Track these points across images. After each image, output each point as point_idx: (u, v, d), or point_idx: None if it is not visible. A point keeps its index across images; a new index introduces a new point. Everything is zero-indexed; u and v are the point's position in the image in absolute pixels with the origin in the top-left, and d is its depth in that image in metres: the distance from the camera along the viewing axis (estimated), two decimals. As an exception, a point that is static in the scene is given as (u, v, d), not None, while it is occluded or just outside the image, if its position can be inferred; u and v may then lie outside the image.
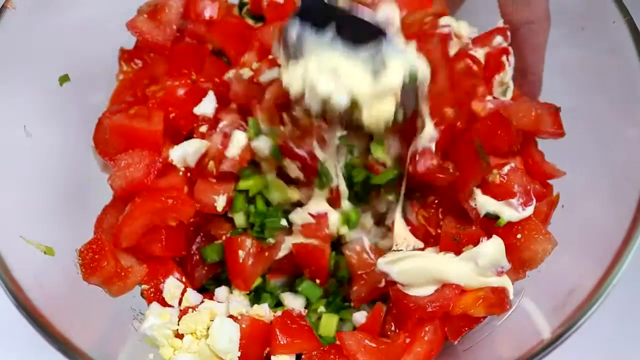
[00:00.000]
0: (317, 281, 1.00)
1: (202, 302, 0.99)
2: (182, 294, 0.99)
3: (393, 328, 0.93)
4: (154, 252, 0.99)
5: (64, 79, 1.06)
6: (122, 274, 0.95)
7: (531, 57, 1.00)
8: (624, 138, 0.95)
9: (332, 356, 0.89)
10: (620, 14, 0.89)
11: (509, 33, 1.01)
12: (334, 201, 0.99)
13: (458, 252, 0.90)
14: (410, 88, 0.88)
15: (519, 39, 1.00)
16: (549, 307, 0.85)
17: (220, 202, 0.98)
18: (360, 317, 0.97)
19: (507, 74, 1.01)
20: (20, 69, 1.01)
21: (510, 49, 1.02)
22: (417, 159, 0.92)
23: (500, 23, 1.02)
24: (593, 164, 0.98)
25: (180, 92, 1.04)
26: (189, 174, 1.01)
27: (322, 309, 1.00)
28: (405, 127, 0.93)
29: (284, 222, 0.99)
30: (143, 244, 0.98)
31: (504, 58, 1.01)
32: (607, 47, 0.95)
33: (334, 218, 0.97)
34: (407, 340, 0.89)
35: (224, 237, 1.00)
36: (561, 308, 0.80)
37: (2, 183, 0.93)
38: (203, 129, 1.02)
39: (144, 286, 0.99)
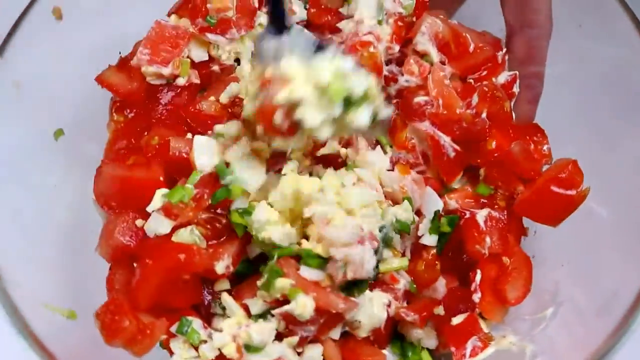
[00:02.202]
0: None
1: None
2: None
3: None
4: (174, 305, 0.95)
5: (59, 133, 1.04)
6: (146, 331, 0.91)
7: (533, 60, 1.00)
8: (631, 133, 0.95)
9: None
10: (622, 10, 0.89)
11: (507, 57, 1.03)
12: None
13: None
14: None
15: (521, 41, 1.00)
16: (592, 311, 0.83)
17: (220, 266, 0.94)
18: None
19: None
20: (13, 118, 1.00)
21: (517, 74, 1.03)
22: None
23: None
24: (605, 163, 0.98)
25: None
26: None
27: None
28: None
29: None
30: (161, 299, 0.94)
31: (515, 88, 1.03)
32: (607, 45, 0.95)
33: None
34: None
35: None
36: (606, 311, 0.79)
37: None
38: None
39: (164, 336, 0.94)
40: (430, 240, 1.00)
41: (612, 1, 0.89)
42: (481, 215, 1.00)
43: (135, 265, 0.94)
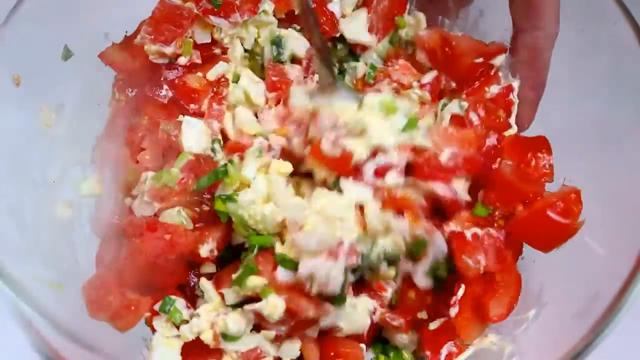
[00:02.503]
0: None
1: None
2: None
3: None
4: (159, 284, 0.96)
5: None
6: (131, 307, 0.92)
7: (537, 62, 1.00)
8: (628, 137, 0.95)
9: None
10: (622, 14, 0.88)
11: (501, 74, 1.05)
12: None
13: None
14: None
15: (527, 43, 0.99)
16: (571, 313, 0.83)
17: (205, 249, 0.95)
18: None
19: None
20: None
21: (514, 85, 1.03)
22: None
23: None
24: (602, 166, 0.97)
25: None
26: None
27: None
28: None
29: None
30: (147, 278, 0.95)
31: (511, 96, 1.03)
32: (609, 49, 0.95)
33: None
34: None
35: None
36: (585, 314, 0.78)
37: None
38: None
39: (148, 314, 0.95)
40: (425, 282, 0.96)
41: (613, 7, 0.89)
42: (474, 233, 0.96)
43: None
